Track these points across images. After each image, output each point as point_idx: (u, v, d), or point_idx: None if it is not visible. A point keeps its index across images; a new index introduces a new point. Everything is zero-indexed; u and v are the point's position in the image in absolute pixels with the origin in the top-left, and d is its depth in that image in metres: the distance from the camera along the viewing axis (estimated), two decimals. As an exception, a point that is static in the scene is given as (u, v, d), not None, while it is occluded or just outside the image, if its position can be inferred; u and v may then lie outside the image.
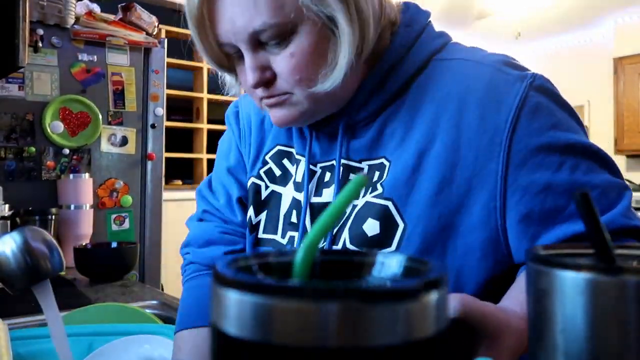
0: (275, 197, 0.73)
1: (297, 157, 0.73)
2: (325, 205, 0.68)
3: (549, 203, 0.58)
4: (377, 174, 0.65)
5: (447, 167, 0.61)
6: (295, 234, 0.70)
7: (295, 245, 0.69)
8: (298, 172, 0.72)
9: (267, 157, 0.76)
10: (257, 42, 0.61)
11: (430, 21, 0.71)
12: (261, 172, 0.76)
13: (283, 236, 0.71)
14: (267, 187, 0.75)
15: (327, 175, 0.69)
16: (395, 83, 0.66)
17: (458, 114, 0.61)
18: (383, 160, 0.65)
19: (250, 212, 0.75)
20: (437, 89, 0.64)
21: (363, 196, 0.65)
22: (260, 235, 0.73)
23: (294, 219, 0.70)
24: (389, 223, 0.62)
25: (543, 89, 0.63)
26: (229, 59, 0.67)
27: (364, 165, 0.67)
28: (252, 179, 0.76)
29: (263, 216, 0.74)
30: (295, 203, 0.71)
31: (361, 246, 0.63)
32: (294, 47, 0.60)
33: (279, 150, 0.75)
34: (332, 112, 0.67)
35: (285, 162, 0.74)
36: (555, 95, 0.64)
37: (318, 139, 0.71)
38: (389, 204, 0.62)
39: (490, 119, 0.60)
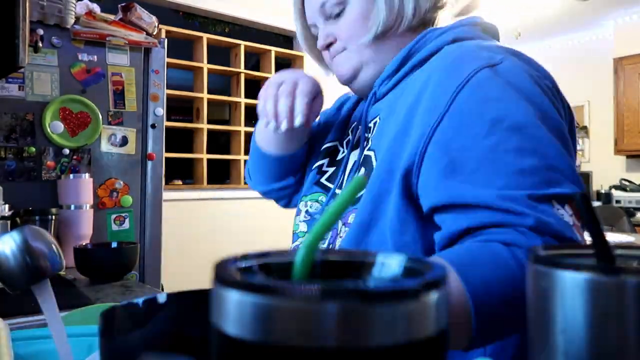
0: (344, 160, 0.89)
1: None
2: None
3: (459, 160, 0.63)
4: (374, 127, 0.83)
5: (405, 122, 0.73)
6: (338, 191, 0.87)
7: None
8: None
9: (349, 130, 0.94)
10: (325, 15, 0.85)
11: (464, 25, 0.84)
12: (344, 141, 0.94)
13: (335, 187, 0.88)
14: (343, 152, 0.92)
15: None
16: (409, 66, 0.81)
17: (425, 86, 0.72)
18: (377, 117, 0.83)
19: (324, 162, 0.94)
20: (426, 70, 0.77)
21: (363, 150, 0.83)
22: (323, 181, 0.91)
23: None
24: (369, 166, 0.78)
25: (501, 70, 0.67)
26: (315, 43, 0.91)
27: (371, 123, 0.84)
28: (336, 143, 0.95)
29: (331, 170, 0.91)
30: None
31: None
32: (347, 14, 0.83)
33: (355, 126, 0.92)
34: (372, 75, 0.85)
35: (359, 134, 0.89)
36: (512, 78, 0.67)
37: (361, 110, 0.89)
38: (372, 153, 0.79)
39: (446, 84, 0.68)
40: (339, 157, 0.92)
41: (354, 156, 0.87)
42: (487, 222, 0.58)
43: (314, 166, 0.95)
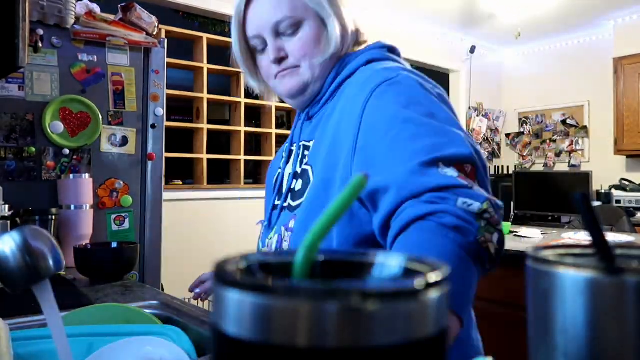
0: (279, 177, 1.03)
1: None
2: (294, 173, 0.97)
3: (376, 153, 0.78)
4: (311, 146, 0.95)
5: (334, 139, 0.86)
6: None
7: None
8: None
9: (283, 154, 1.08)
10: (276, 32, 0.93)
11: (376, 48, 0.97)
12: (280, 163, 1.07)
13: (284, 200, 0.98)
14: (280, 172, 1.05)
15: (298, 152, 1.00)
16: (332, 88, 0.95)
17: (345, 105, 0.88)
18: (315, 139, 0.94)
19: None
20: (346, 91, 0.91)
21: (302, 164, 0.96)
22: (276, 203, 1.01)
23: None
24: (306, 181, 0.90)
25: (394, 83, 0.83)
26: (253, 58, 1.01)
27: (310, 143, 0.95)
28: (278, 170, 1.07)
29: (275, 193, 1.03)
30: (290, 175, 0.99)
31: (292, 199, 0.94)
32: (302, 34, 0.92)
33: (287, 146, 1.06)
34: (318, 90, 0.96)
35: (288, 151, 1.05)
36: (403, 87, 0.83)
37: (295, 128, 1.04)
38: (309, 168, 0.91)
39: (356, 106, 0.84)
40: (276, 177, 1.05)
41: (289, 168, 0.99)
42: (400, 200, 0.72)
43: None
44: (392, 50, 0.99)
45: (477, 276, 0.67)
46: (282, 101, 1.07)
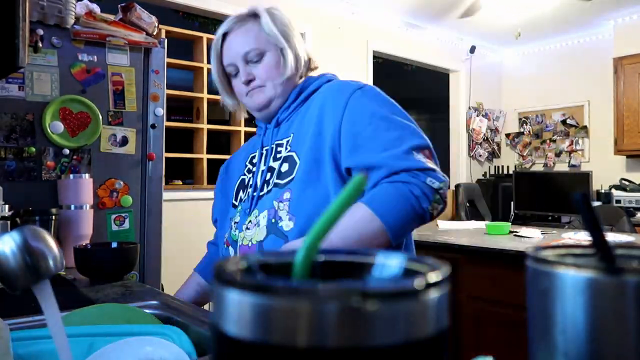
0: (254, 176, 1.25)
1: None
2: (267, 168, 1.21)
3: (362, 141, 1.06)
4: (287, 141, 1.19)
5: (317, 129, 1.12)
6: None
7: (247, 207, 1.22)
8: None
9: (247, 162, 1.33)
10: (246, 60, 1.21)
11: (327, 74, 1.29)
12: (245, 170, 1.32)
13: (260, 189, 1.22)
14: (250, 177, 1.28)
15: (266, 151, 1.25)
16: (301, 98, 1.22)
17: (324, 106, 1.14)
18: (291, 135, 1.19)
19: (241, 194, 1.28)
20: (319, 97, 1.17)
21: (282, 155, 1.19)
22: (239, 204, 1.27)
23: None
24: (293, 163, 1.14)
25: (365, 90, 1.13)
26: (228, 81, 1.28)
27: (284, 140, 1.19)
28: (240, 177, 1.32)
29: (247, 194, 1.25)
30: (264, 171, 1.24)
31: (279, 178, 1.15)
32: (265, 61, 1.20)
33: (259, 151, 1.29)
34: (279, 105, 1.23)
35: (258, 156, 1.28)
36: (372, 93, 1.14)
37: (265, 134, 1.28)
38: (294, 153, 1.15)
39: (337, 105, 1.11)
40: (248, 182, 1.27)
41: (262, 166, 1.23)
42: (383, 175, 1.03)
43: (236, 203, 1.29)
44: (335, 76, 1.30)
45: (414, 221, 1.02)
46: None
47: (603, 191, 4.86)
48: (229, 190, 1.34)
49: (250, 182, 1.24)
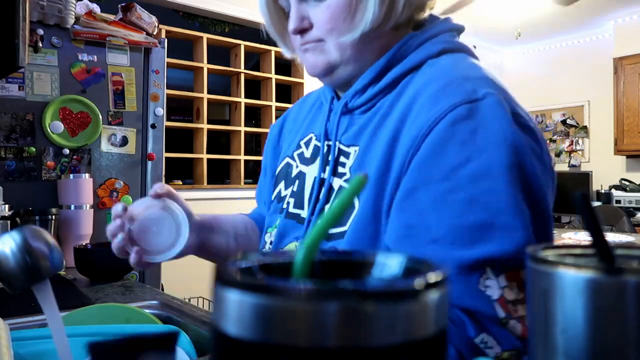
0: (301, 176, 0.83)
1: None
2: (323, 181, 0.78)
3: (416, 207, 0.61)
4: (354, 152, 0.74)
5: (388, 156, 0.67)
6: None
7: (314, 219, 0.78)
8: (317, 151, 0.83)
9: (301, 142, 0.87)
10: None
11: (447, 31, 0.77)
12: (295, 154, 0.87)
13: (310, 212, 0.78)
14: (297, 166, 0.85)
15: (330, 155, 0.78)
16: (388, 79, 0.73)
17: (409, 111, 0.68)
18: (360, 145, 0.73)
19: (281, 186, 0.88)
20: (412, 89, 0.70)
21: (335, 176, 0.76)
22: (291, 210, 0.83)
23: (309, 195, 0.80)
24: (351, 205, 0.69)
25: (478, 108, 0.62)
26: (281, 21, 0.83)
27: (351, 150, 0.75)
28: (287, 159, 0.89)
29: (289, 192, 0.84)
30: (316, 181, 0.80)
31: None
32: (331, 1, 0.72)
33: (311, 137, 0.85)
34: (350, 74, 0.76)
35: (315, 146, 0.83)
36: (488, 119, 0.61)
37: (329, 117, 0.81)
38: None
39: (423, 116, 0.64)
40: (293, 173, 0.86)
41: (313, 171, 0.80)
42: None
43: (273, 197, 0.90)
44: (460, 32, 0.79)
45: None
46: (282, 101, 0.98)
47: (603, 191, 4.86)
48: (272, 168, 0.95)
49: (294, 188, 0.84)
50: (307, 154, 0.83)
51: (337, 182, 0.75)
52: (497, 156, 0.59)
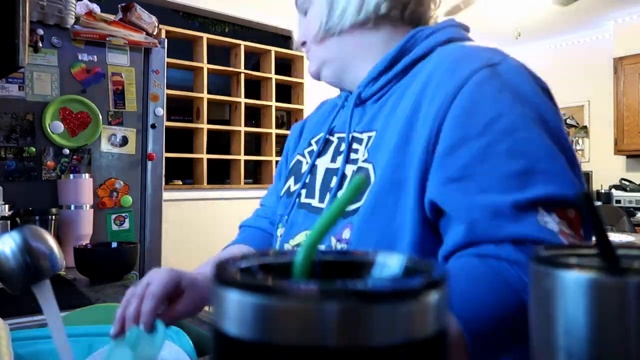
0: (313, 169, 0.86)
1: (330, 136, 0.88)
2: (335, 170, 0.80)
3: (459, 162, 0.63)
4: (369, 139, 0.76)
5: (407, 130, 0.70)
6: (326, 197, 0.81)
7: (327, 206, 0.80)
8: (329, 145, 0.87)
9: (312, 141, 0.91)
10: (301, 11, 0.85)
11: (453, 26, 0.81)
12: (305, 151, 0.91)
13: (321, 200, 0.81)
14: (307, 162, 0.89)
15: (342, 145, 0.81)
16: (400, 66, 0.77)
17: (425, 89, 0.70)
18: (374, 132, 0.76)
19: (291, 182, 0.90)
20: (424, 71, 0.73)
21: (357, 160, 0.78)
22: (302, 200, 0.84)
23: (325, 185, 0.82)
24: (367, 181, 0.72)
25: (498, 71, 0.67)
26: None
27: (364, 136, 0.78)
28: (297, 156, 0.93)
29: (298, 186, 0.86)
30: (329, 171, 0.82)
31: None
32: (311, 10, 0.82)
33: (323, 135, 0.88)
34: (332, 72, 0.84)
35: (326, 140, 0.87)
36: (510, 79, 0.67)
37: (338, 112, 0.88)
38: (370, 166, 0.73)
39: (444, 91, 0.67)
40: (303, 169, 0.88)
41: (325, 162, 0.83)
42: (475, 239, 0.60)
43: (282, 192, 0.92)
44: (467, 30, 0.83)
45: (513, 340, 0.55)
46: (282, 101, 1.00)
47: (603, 191, 4.86)
48: (285, 169, 0.99)
49: (306, 180, 0.86)
50: (318, 148, 0.87)
51: (349, 169, 0.77)
52: (526, 111, 0.64)
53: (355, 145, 0.78)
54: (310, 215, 0.81)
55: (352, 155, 0.77)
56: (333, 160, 0.81)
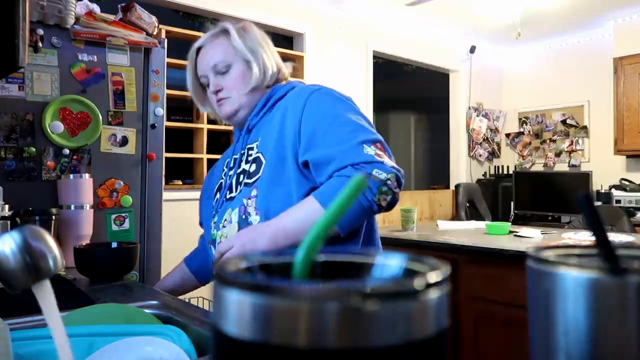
0: (226, 177, 1.38)
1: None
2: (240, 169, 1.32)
3: (317, 136, 1.16)
4: (256, 144, 1.28)
5: (281, 130, 1.22)
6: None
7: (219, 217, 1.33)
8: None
9: (224, 168, 1.43)
10: (215, 71, 1.32)
11: (296, 81, 1.42)
12: (222, 174, 1.42)
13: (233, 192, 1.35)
14: (226, 175, 1.40)
15: (244, 154, 1.33)
16: (270, 104, 1.31)
17: (286, 109, 1.24)
18: (259, 138, 1.28)
19: (217, 196, 1.39)
20: (283, 104, 1.28)
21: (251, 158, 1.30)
22: (225, 199, 1.34)
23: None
24: (259, 163, 1.24)
25: (321, 92, 1.23)
26: (204, 91, 1.42)
27: (254, 144, 1.29)
28: (220, 180, 1.43)
29: (221, 191, 1.40)
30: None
31: (248, 177, 1.26)
32: (232, 73, 1.32)
33: (230, 158, 1.41)
34: (247, 114, 1.34)
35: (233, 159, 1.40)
36: (328, 94, 1.24)
37: (238, 141, 1.38)
38: (260, 154, 1.25)
39: (297, 106, 1.21)
40: (223, 184, 1.38)
41: (232, 171, 1.33)
42: (334, 169, 1.11)
43: (213, 208, 1.41)
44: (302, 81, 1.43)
45: (358, 212, 1.10)
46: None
47: (603, 191, 4.86)
48: (211, 194, 1.46)
49: (227, 184, 1.35)
50: (231, 168, 1.35)
51: (252, 158, 1.27)
52: (341, 105, 1.21)
53: (249, 152, 1.29)
54: (227, 203, 1.30)
55: (248, 158, 1.28)
56: (237, 167, 1.32)
